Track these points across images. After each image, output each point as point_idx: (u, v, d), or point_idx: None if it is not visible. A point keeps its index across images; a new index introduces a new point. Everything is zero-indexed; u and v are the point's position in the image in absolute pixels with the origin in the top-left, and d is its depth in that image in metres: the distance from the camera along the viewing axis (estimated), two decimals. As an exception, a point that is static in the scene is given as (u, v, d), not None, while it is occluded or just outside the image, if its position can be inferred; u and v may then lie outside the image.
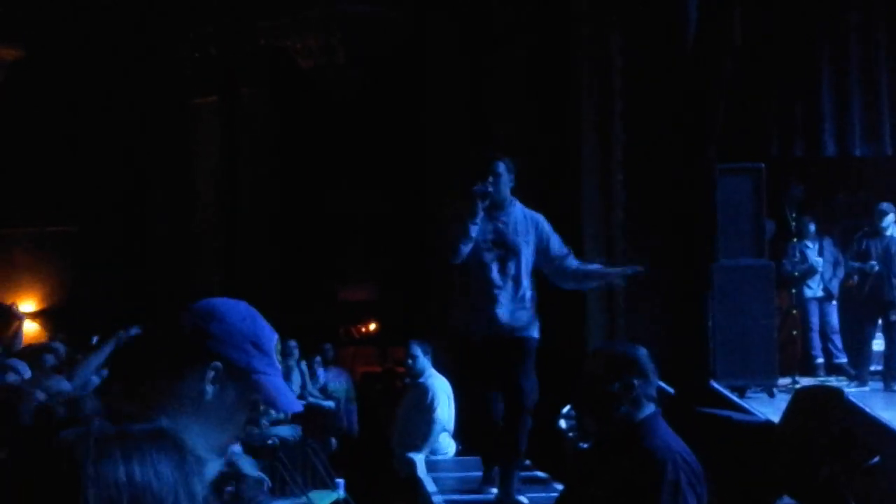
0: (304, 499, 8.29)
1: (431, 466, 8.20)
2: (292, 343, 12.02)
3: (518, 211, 6.40)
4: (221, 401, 2.04)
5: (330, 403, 12.70)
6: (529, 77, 11.55)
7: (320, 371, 12.93)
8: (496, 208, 6.29)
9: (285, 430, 10.94)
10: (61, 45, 15.91)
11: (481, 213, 6.18)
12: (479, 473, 6.86)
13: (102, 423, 1.37)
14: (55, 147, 15.78)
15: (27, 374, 5.38)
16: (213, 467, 1.70)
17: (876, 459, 4.58)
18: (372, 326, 15.66)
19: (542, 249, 6.37)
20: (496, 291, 6.26)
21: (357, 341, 15.54)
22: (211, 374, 2.03)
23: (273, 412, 9.72)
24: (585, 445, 5.17)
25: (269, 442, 10.28)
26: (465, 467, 8.04)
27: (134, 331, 6.18)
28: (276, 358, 2.12)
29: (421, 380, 8.91)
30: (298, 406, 2.23)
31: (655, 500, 3.41)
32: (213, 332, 2.05)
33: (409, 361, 9.02)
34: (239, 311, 2.11)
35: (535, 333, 6.37)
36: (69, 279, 16.57)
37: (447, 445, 8.87)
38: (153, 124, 15.90)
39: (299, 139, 15.70)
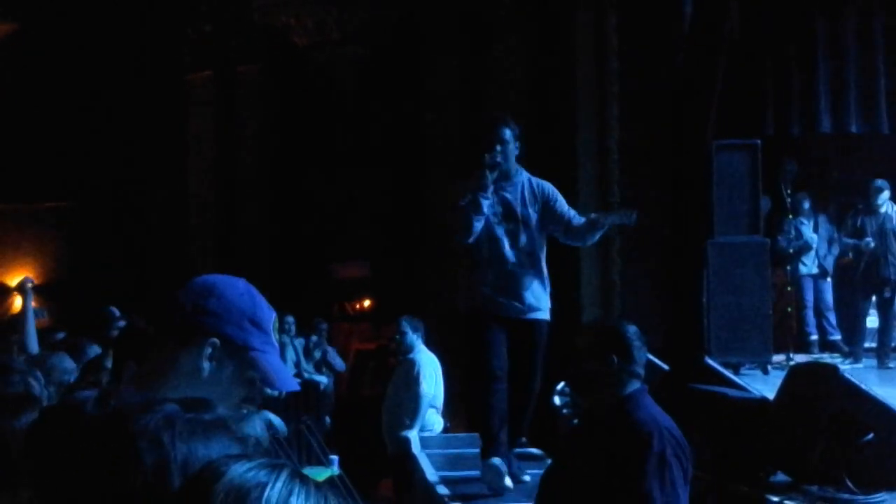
0: (333, 468, 8.30)
1: (421, 443, 8.21)
2: (290, 318, 12.04)
3: (525, 180, 6.04)
4: (218, 377, 2.03)
5: (323, 379, 12.72)
6: (525, 60, 11.53)
7: (328, 349, 12.96)
8: (502, 178, 5.93)
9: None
10: (55, 20, 15.83)
11: (492, 186, 5.82)
12: (470, 450, 6.83)
13: (175, 409, 1.38)
14: (48, 122, 15.72)
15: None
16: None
17: (870, 436, 4.59)
18: (366, 303, 15.67)
19: (551, 214, 6.01)
20: (512, 268, 5.93)
21: (351, 318, 15.55)
22: (208, 350, 2.03)
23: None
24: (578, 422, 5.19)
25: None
26: (454, 444, 8.05)
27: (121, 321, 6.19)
28: (274, 336, 2.11)
29: (409, 356, 8.94)
30: (295, 385, 2.23)
31: (642, 472, 3.47)
32: (212, 308, 2.05)
33: (398, 337, 9.06)
34: (237, 288, 2.10)
35: (548, 315, 6.05)
36: (62, 255, 16.55)
37: (434, 422, 8.89)
38: (148, 100, 15.84)
39: (295, 115, 15.66)
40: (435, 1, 13.00)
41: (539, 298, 5.97)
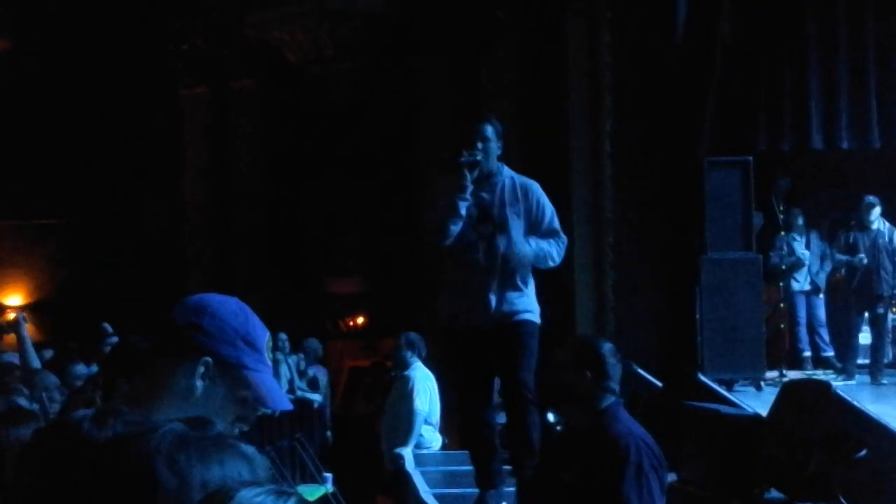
0: (327, 486, 8.27)
1: (417, 461, 8.20)
2: (283, 336, 12.02)
3: (506, 179, 5.61)
4: (211, 396, 2.03)
5: (317, 397, 12.70)
6: (519, 72, 11.56)
7: (309, 368, 12.94)
8: (482, 178, 5.52)
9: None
10: (49, 38, 15.85)
11: (471, 187, 5.43)
12: (464, 468, 6.80)
13: (183, 428, 1.38)
14: (41, 139, 15.72)
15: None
16: None
17: (863, 452, 4.60)
18: (360, 319, 15.65)
19: (530, 220, 5.57)
20: (484, 275, 5.48)
21: (345, 335, 15.53)
22: (201, 369, 2.03)
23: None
24: None
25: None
26: (452, 461, 8.04)
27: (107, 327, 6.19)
28: (268, 355, 2.12)
29: (404, 372, 8.91)
30: (288, 404, 2.23)
31: (620, 482, 3.56)
32: (205, 327, 2.05)
33: (396, 353, 9.01)
34: (231, 307, 2.10)
35: (533, 318, 5.55)
36: (55, 272, 16.52)
37: (432, 439, 8.86)
38: (142, 116, 15.86)
39: (289, 131, 15.68)
40: (428, 13, 13.04)
41: (515, 303, 5.54)
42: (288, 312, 12.82)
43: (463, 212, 5.42)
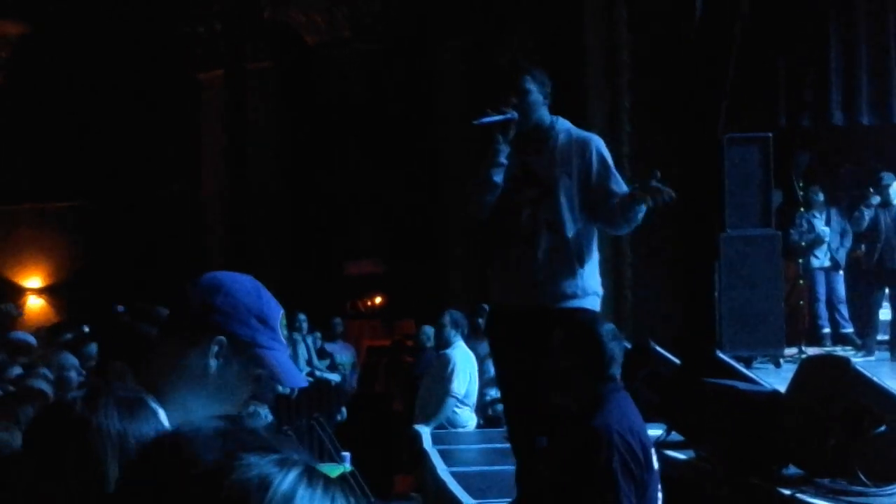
0: (345, 465, 8.26)
1: (449, 439, 8.17)
2: (301, 316, 12.02)
3: (561, 134, 4.75)
4: (225, 375, 2.03)
5: (336, 377, 12.72)
6: (537, 52, 11.51)
7: (329, 346, 12.95)
8: (529, 137, 4.70)
9: None
10: (67, 21, 15.87)
11: (504, 150, 4.65)
12: (482, 445, 6.77)
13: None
14: (60, 122, 15.77)
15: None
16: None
17: (883, 428, 4.57)
18: (378, 300, 15.66)
19: (587, 181, 4.67)
20: (527, 245, 4.66)
21: (363, 315, 15.54)
22: (215, 348, 2.03)
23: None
24: None
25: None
26: (487, 439, 8.05)
27: (121, 309, 6.19)
28: (282, 333, 2.11)
29: (446, 351, 8.80)
30: (303, 381, 2.22)
31: (587, 483, 3.46)
32: (219, 306, 2.04)
33: (439, 331, 8.87)
34: (244, 286, 2.09)
35: (586, 304, 4.65)
36: (74, 255, 16.60)
37: (467, 419, 8.78)
38: (159, 99, 15.88)
39: (307, 112, 15.68)
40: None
41: (567, 282, 4.63)
42: (307, 293, 12.85)
43: (498, 179, 4.65)
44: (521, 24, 11.91)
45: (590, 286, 4.69)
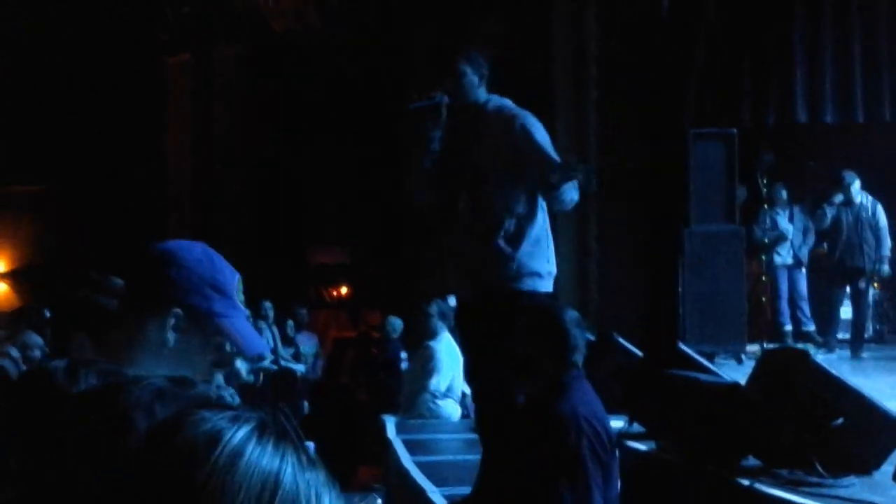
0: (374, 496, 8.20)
1: (416, 429, 8.13)
2: (267, 304, 11.98)
3: (493, 116, 4.67)
4: (185, 346, 2.02)
5: (300, 367, 12.69)
6: (506, 44, 11.53)
7: (295, 336, 12.92)
8: (464, 119, 4.65)
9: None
10: (32, 3, 15.72)
11: (437, 136, 4.58)
12: (445, 436, 6.76)
13: (164, 383, 1.38)
14: (23, 105, 15.62)
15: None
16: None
17: (840, 420, 4.63)
18: (344, 290, 15.63)
19: (516, 157, 4.56)
20: (465, 232, 4.63)
21: (329, 304, 15.51)
22: (172, 320, 2.01)
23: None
24: None
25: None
26: (429, 430, 8.05)
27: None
28: (238, 298, 2.10)
29: (430, 342, 8.73)
30: (264, 346, 2.23)
31: (555, 468, 3.47)
32: (173, 278, 2.03)
33: (425, 321, 8.78)
34: (197, 255, 2.08)
35: (533, 285, 4.57)
36: (38, 238, 16.46)
37: (451, 412, 8.69)
38: (126, 82, 15.77)
39: (274, 99, 15.62)
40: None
41: (508, 266, 4.56)
42: (272, 281, 12.80)
43: (428, 164, 4.62)
44: (489, 14, 11.92)
45: (528, 267, 4.59)
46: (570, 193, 4.62)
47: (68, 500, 1.20)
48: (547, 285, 4.68)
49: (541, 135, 4.67)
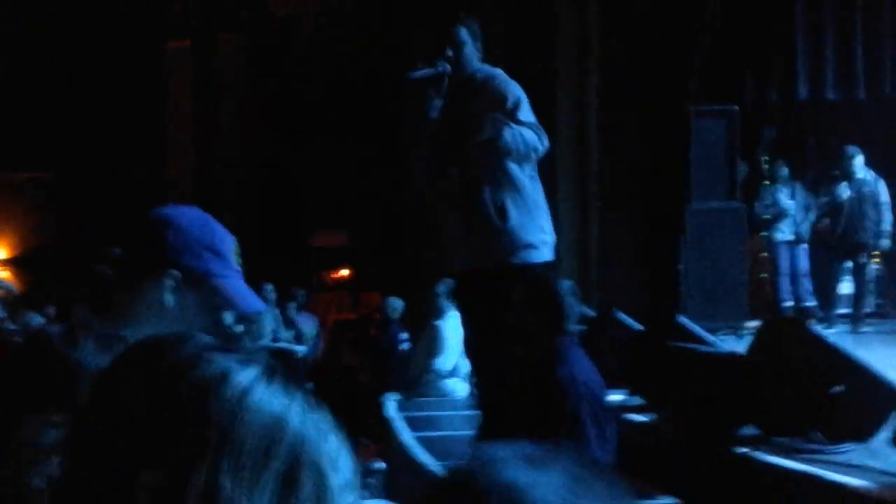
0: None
1: (418, 406, 8.16)
2: (268, 287, 12.01)
3: (481, 86, 4.63)
4: (183, 308, 2.06)
5: (302, 348, 12.71)
6: (507, 25, 11.50)
7: (295, 317, 12.94)
8: (462, 90, 4.63)
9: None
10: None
11: (437, 105, 4.58)
12: (444, 413, 6.77)
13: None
14: (26, 92, 15.63)
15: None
16: None
17: (838, 388, 4.64)
18: (345, 273, 15.65)
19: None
20: (457, 207, 4.62)
21: (330, 288, 15.54)
22: (170, 282, 2.06)
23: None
24: None
25: None
26: (429, 407, 8.08)
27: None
28: (235, 260, 2.13)
29: (436, 321, 8.75)
30: (261, 305, 2.26)
31: (556, 430, 3.54)
32: (170, 241, 2.07)
33: (433, 300, 8.78)
34: (193, 218, 2.13)
35: (528, 257, 4.52)
36: (43, 225, 16.49)
37: (457, 389, 8.69)
38: (127, 69, 15.77)
39: (274, 85, 15.62)
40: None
41: (499, 240, 4.50)
42: (274, 265, 12.82)
43: (425, 133, 4.62)
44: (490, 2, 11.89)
45: (521, 239, 4.52)
46: (513, 140, 4.44)
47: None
48: (543, 255, 4.61)
49: (512, 94, 4.58)
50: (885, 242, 10.44)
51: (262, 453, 1.04)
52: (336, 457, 1.09)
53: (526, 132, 4.46)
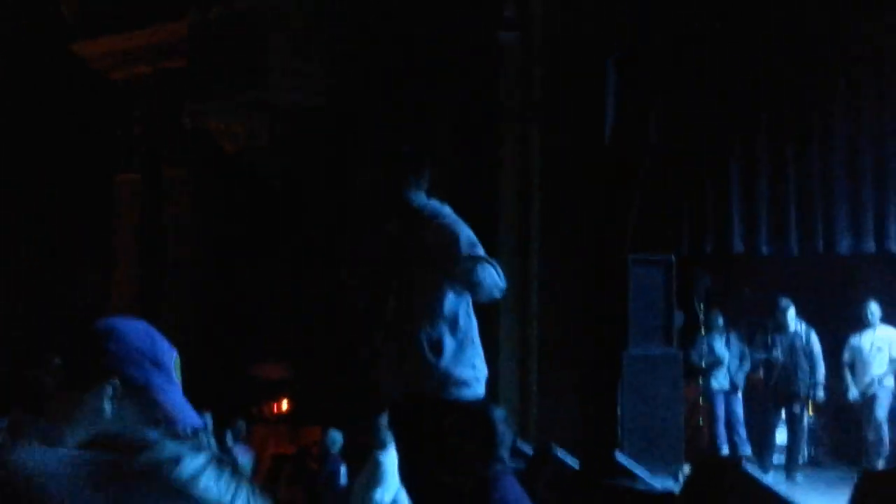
0: None
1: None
2: (206, 414, 11.86)
3: (427, 220, 4.78)
4: (121, 418, 2.09)
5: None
6: (452, 168, 11.78)
7: (232, 446, 12.75)
8: (407, 220, 4.83)
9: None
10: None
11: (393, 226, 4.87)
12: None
13: None
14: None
15: None
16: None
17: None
18: (284, 406, 15.51)
19: (437, 258, 4.61)
20: (392, 337, 4.79)
21: (269, 420, 15.36)
22: (109, 390, 2.09)
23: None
24: None
25: None
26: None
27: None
28: (176, 374, 2.18)
29: (377, 452, 8.70)
30: (198, 420, 2.27)
31: None
32: (111, 350, 2.11)
33: (376, 433, 8.74)
34: (136, 329, 2.18)
35: (458, 394, 4.55)
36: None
37: None
38: (77, 197, 15.84)
39: (221, 219, 15.73)
40: (367, 116, 13.25)
41: (431, 375, 4.55)
42: (213, 395, 12.70)
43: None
44: (437, 147, 12.19)
45: (453, 375, 4.55)
46: (485, 276, 4.51)
47: None
48: (474, 392, 4.61)
49: (463, 230, 4.67)
50: (820, 394, 10.65)
51: None
52: None
53: (492, 269, 4.53)
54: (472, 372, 4.66)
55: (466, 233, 4.65)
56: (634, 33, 10.37)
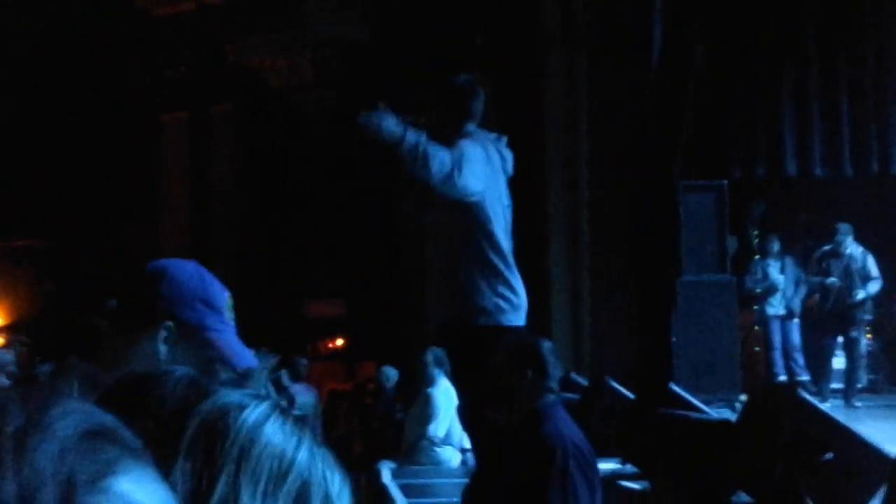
0: None
1: (413, 474, 8.14)
2: (269, 355, 11.95)
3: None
4: (175, 359, 2.07)
5: (298, 413, 12.68)
6: (496, 99, 11.65)
7: (289, 385, 12.88)
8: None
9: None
10: (30, 59, 15.92)
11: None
12: (438, 480, 6.77)
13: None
14: (22, 160, 15.75)
15: None
16: None
17: (829, 455, 4.67)
18: (339, 342, 15.63)
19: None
20: (432, 266, 4.97)
21: (324, 357, 15.51)
22: (164, 333, 2.09)
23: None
24: None
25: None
26: (424, 475, 8.07)
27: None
28: (229, 314, 2.16)
29: (427, 390, 8.79)
30: (253, 361, 2.28)
31: (545, 487, 3.57)
32: (164, 293, 2.11)
33: (423, 369, 8.81)
34: (188, 271, 2.17)
35: (498, 320, 4.49)
36: (35, 293, 16.50)
37: (451, 458, 8.67)
38: (122, 139, 15.92)
39: (269, 154, 15.76)
40: (411, 45, 13.15)
41: (471, 301, 4.49)
42: (268, 335, 12.82)
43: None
44: (481, 75, 12.07)
45: (490, 303, 4.48)
46: (433, 161, 4.38)
47: None
48: (512, 319, 4.54)
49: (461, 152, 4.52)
50: (867, 316, 10.52)
51: (277, 474, 1.10)
52: (340, 489, 1.15)
53: (442, 155, 4.38)
54: (514, 299, 4.58)
55: (464, 144, 4.53)
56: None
